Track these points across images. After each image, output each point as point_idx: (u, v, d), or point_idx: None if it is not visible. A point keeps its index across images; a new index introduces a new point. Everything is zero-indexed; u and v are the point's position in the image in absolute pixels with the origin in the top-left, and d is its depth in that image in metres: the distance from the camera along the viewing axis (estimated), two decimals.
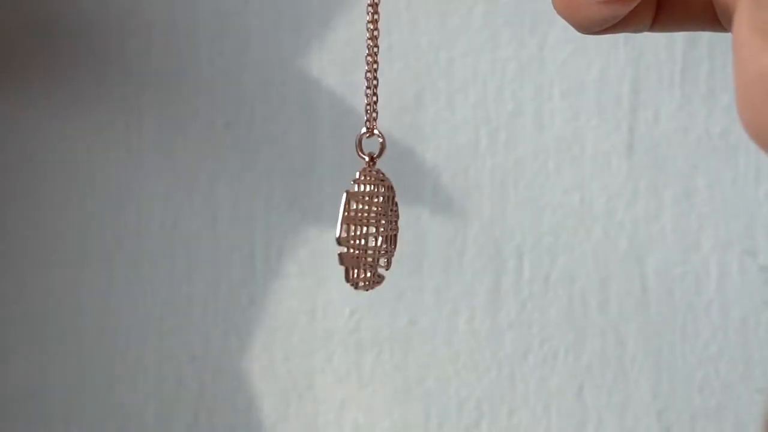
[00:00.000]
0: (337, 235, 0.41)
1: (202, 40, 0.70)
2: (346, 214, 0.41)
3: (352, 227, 0.41)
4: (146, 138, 0.70)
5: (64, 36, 0.70)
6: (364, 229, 0.42)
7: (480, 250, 0.71)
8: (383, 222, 0.42)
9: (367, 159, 0.42)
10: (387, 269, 0.43)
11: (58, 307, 0.71)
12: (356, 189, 0.42)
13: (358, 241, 0.42)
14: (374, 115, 0.43)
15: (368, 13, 0.42)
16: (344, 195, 0.41)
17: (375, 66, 0.42)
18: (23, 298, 0.71)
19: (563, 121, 0.70)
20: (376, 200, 0.42)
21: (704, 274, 0.71)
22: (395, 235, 0.43)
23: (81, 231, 0.71)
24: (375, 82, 0.42)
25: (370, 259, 0.42)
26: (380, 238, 0.42)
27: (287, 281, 0.71)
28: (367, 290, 0.43)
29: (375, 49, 0.42)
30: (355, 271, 0.42)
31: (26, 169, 0.71)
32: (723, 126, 0.70)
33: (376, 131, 0.42)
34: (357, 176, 0.42)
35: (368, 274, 0.42)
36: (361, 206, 0.42)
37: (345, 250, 0.41)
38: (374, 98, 0.43)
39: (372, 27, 0.42)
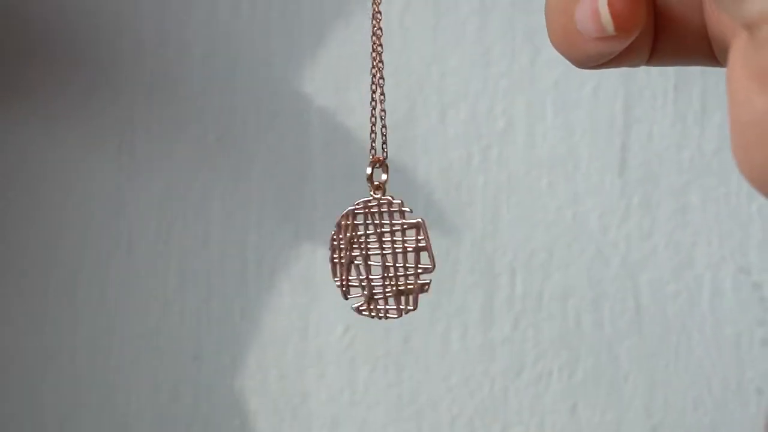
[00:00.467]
0: (433, 266, 0.41)
1: (194, 54, 0.70)
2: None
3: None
4: (138, 152, 0.70)
5: (55, 50, 0.70)
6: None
7: (472, 266, 0.71)
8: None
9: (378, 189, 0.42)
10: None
11: (51, 320, 0.71)
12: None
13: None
14: (384, 147, 0.42)
15: (373, 50, 0.42)
16: (422, 221, 0.41)
17: (382, 97, 0.42)
18: (18, 311, 0.71)
19: (556, 137, 0.70)
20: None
21: (697, 292, 0.71)
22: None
23: (73, 245, 0.71)
24: (383, 113, 0.42)
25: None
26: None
27: (280, 297, 0.71)
28: (378, 319, 0.43)
29: (381, 81, 0.42)
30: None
31: (19, 182, 0.71)
32: (716, 143, 0.70)
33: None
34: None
35: (379, 304, 0.42)
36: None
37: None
38: (383, 130, 0.42)
39: (377, 60, 0.42)
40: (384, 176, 0.42)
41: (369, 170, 0.42)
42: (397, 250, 0.42)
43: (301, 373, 0.72)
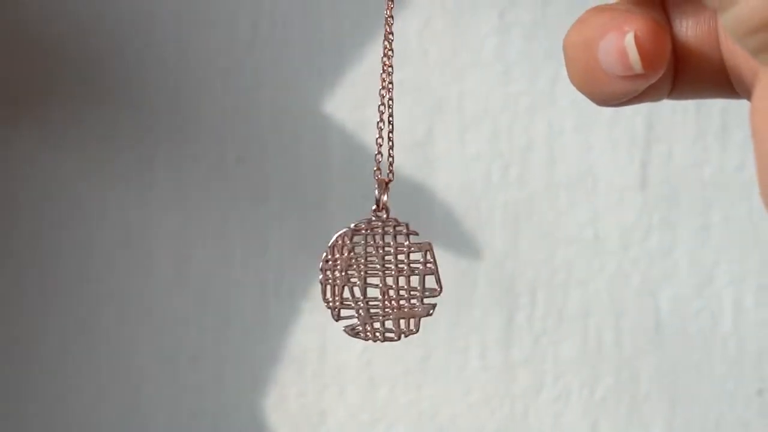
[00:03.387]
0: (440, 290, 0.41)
1: (214, 74, 0.70)
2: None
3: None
4: (157, 174, 0.70)
5: (74, 72, 0.70)
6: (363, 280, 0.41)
7: (492, 285, 0.70)
8: (392, 271, 0.42)
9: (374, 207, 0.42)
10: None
11: (70, 346, 0.71)
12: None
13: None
14: (390, 168, 0.42)
15: (383, 55, 0.42)
16: (430, 244, 0.41)
17: (390, 110, 0.42)
18: (37, 336, 0.71)
19: (576, 155, 0.70)
20: (377, 250, 0.42)
21: (719, 309, 0.70)
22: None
23: (91, 268, 0.71)
24: (390, 126, 0.42)
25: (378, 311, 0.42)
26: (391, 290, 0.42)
27: (299, 316, 0.71)
28: (374, 341, 0.42)
29: (390, 102, 0.42)
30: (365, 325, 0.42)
31: (38, 208, 0.71)
32: (737, 160, 0.70)
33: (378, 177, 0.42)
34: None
35: (375, 326, 0.42)
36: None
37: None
38: (390, 143, 0.42)
39: (386, 81, 0.42)
40: (384, 197, 0.42)
41: (376, 191, 0.42)
42: (401, 272, 0.41)
43: (320, 391, 0.71)
